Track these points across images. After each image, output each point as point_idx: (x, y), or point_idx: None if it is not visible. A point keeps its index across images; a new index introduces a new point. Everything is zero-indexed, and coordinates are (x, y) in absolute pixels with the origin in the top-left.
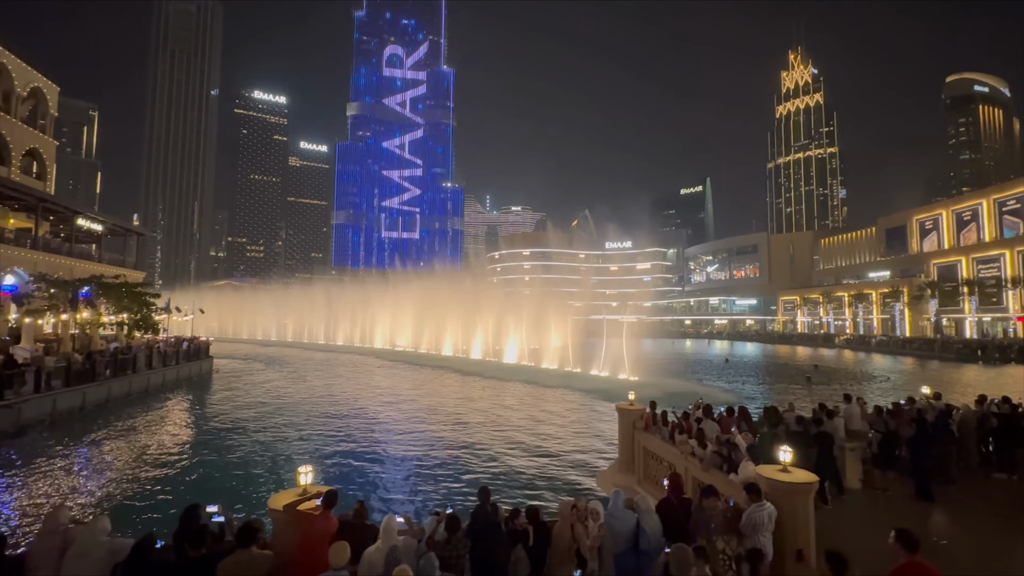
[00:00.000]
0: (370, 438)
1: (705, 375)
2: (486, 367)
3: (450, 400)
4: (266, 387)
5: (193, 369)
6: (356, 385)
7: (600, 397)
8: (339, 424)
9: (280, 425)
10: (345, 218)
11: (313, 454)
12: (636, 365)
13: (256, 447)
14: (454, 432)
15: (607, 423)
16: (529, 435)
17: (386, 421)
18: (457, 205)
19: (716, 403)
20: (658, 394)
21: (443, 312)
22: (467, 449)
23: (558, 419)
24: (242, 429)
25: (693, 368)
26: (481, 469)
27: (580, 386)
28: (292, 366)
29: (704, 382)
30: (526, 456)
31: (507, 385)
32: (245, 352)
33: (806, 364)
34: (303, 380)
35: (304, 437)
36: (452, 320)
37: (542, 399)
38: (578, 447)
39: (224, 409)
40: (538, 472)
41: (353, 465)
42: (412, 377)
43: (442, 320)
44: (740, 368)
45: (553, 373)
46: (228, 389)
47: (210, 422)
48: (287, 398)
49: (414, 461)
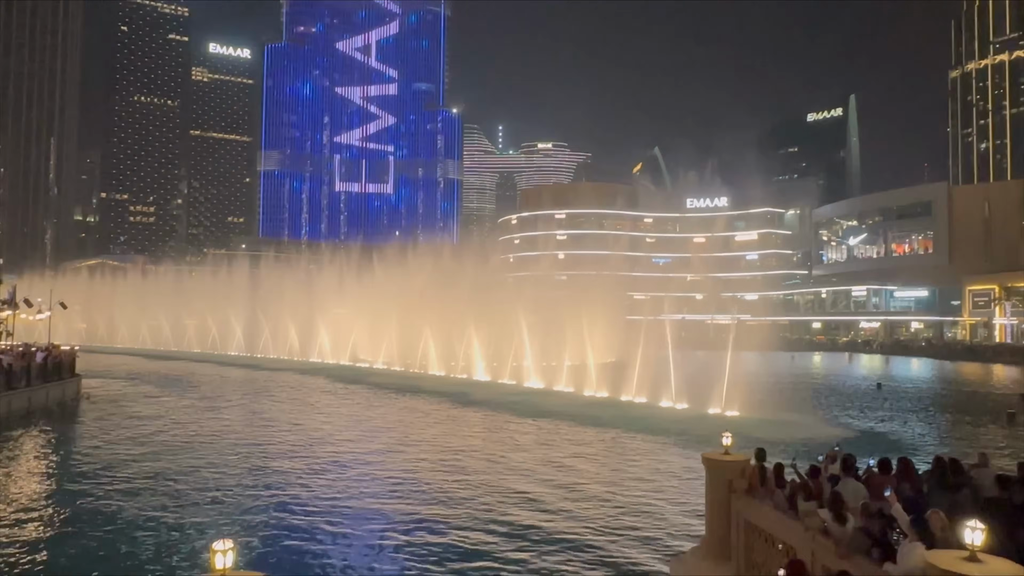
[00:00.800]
0: (317, 497)
1: (844, 408)
2: (492, 393)
3: (440, 444)
4: (161, 422)
5: (51, 394)
6: (297, 419)
7: (677, 441)
8: (271, 478)
9: (182, 477)
10: (278, 162)
11: (234, 523)
12: (734, 392)
13: (146, 513)
14: (446, 487)
15: (684, 480)
16: (562, 494)
17: (346, 473)
18: (453, 141)
19: (862, 453)
20: (770, 438)
21: (429, 312)
22: (478, 518)
23: (611, 474)
24: (126, 486)
25: (825, 397)
26: (495, 550)
27: (642, 424)
28: (199, 390)
29: (842, 420)
30: (557, 533)
31: (517, 418)
32: (129, 368)
33: (1010, 393)
34: (216, 412)
35: (219, 498)
36: (444, 323)
37: (582, 442)
38: (640, 516)
39: (98, 456)
40: (579, 557)
41: (293, 537)
42: (382, 408)
43: (427, 323)
44: (901, 398)
45: (600, 403)
46: (104, 424)
47: (76, 476)
48: (193, 439)
49: (384, 535)
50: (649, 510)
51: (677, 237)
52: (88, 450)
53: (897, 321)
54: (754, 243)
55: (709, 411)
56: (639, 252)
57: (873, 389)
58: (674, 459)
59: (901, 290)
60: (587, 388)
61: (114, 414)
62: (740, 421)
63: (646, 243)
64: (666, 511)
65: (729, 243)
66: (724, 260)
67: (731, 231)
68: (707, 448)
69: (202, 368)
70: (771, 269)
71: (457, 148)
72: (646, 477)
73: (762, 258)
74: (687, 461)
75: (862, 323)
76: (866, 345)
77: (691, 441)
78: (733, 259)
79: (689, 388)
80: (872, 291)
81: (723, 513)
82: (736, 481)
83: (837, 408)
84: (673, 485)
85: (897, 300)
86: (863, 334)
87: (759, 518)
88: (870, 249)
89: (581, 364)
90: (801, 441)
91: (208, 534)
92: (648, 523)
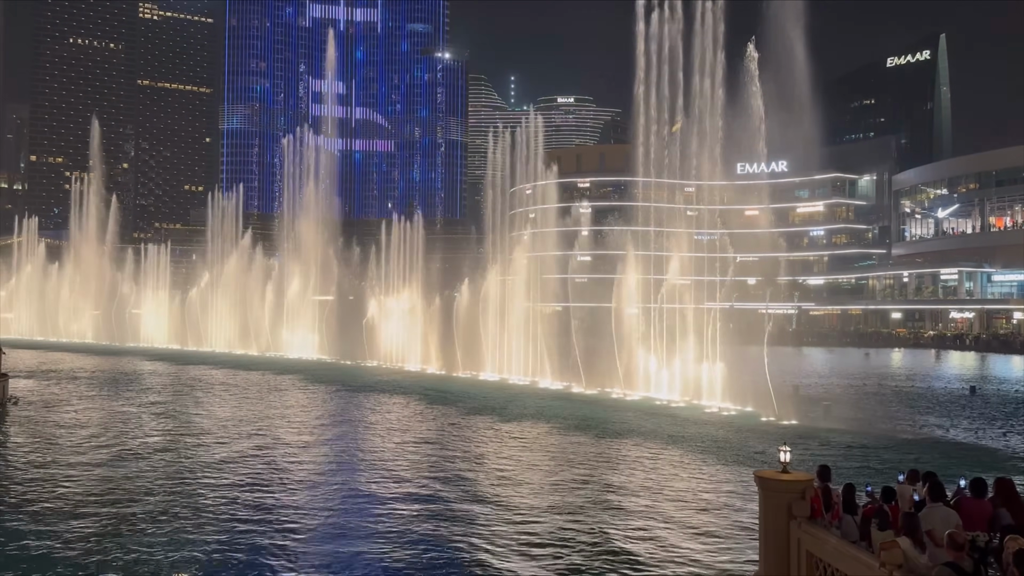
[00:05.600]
0: (300, 515)
1: (928, 416)
2: (506, 394)
3: (444, 453)
4: (106, 430)
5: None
6: (268, 426)
7: (720, 458)
8: (240, 500)
9: (134, 499)
10: (245, 119)
11: (199, 558)
12: (791, 397)
13: (90, 542)
14: (449, 510)
15: (733, 497)
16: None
17: (331, 494)
18: (456, 95)
19: (949, 473)
20: (836, 453)
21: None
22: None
23: (648, 494)
24: (68, 508)
25: (906, 403)
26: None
27: (675, 429)
28: (148, 391)
29: (926, 430)
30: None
31: (534, 425)
32: (65, 365)
33: None
34: (170, 417)
35: (178, 526)
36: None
37: (610, 457)
38: (683, 540)
39: (29, 473)
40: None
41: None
42: (382, 410)
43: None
44: (999, 404)
45: (624, 406)
46: (37, 434)
47: (4, 496)
48: (141, 450)
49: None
50: (696, 534)
51: (727, 209)
52: (17, 461)
53: (995, 311)
54: (819, 216)
55: (762, 418)
56: (679, 228)
57: (966, 394)
58: (724, 473)
59: (1001, 273)
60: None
61: (48, 419)
62: (797, 431)
63: (687, 217)
64: (708, 540)
65: (789, 216)
66: (783, 237)
67: (791, 202)
68: (758, 464)
69: (150, 367)
70: (840, 248)
71: (461, 103)
72: (690, 497)
73: (829, 234)
74: (736, 477)
75: (952, 313)
76: (957, 340)
77: (736, 454)
78: (794, 235)
79: (737, 389)
80: (965, 274)
81: (780, 543)
82: (796, 505)
83: (920, 416)
84: (717, 507)
85: (996, 285)
86: (953, 326)
87: (823, 550)
88: (963, 223)
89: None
90: (873, 454)
91: (164, 567)
92: (699, 548)
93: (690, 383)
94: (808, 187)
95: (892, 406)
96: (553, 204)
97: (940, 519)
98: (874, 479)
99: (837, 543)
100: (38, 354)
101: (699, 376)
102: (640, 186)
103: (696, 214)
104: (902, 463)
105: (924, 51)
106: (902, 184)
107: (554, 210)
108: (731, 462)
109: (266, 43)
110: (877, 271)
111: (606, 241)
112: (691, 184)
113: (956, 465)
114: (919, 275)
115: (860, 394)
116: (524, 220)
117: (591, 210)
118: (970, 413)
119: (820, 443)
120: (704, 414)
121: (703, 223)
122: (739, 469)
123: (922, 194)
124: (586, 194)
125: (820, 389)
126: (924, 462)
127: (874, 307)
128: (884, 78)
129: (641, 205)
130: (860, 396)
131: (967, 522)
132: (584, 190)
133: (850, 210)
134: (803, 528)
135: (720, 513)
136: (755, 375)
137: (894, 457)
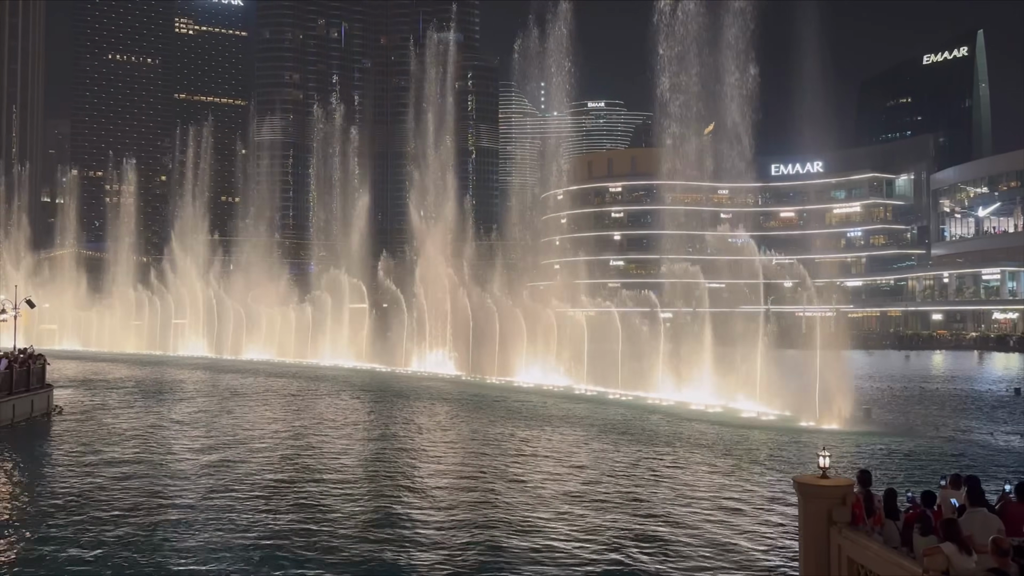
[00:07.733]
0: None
1: (972, 420)
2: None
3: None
4: (155, 439)
5: (19, 409)
6: (327, 435)
7: (760, 464)
8: (292, 514)
9: (174, 505)
10: (274, 130)
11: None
12: (832, 400)
13: (149, 559)
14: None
15: (770, 501)
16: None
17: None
18: (486, 101)
19: (995, 477)
20: (877, 457)
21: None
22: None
23: (678, 498)
24: (111, 518)
25: (947, 405)
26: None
27: (709, 432)
28: (195, 400)
29: (969, 433)
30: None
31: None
32: (108, 375)
33: None
34: (214, 430)
35: (243, 545)
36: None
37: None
38: (714, 551)
39: (72, 483)
40: None
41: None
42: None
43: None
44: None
45: (655, 408)
46: (83, 442)
47: (49, 510)
48: (190, 457)
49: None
50: (728, 546)
51: (762, 211)
52: (64, 472)
53: None
54: (857, 217)
55: (801, 423)
56: (714, 230)
57: (1010, 396)
58: (759, 478)
59: None
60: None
61: (94, 429)
62: (839, 435)
63: (720, 219)
64: (747, 547)
65: (825, 217)
66: (819, 238)
67: (828, 203)
68: (797, 469)
69: (196, 376)
70: (878, 248)
71: (491, 110)
72: (724, 503)
73: (867, 235)
74: (775, 483)
75: (995, 314)
76: (1000, 341)
77: (775, 459)
78: (830, 237)
79: (777, 393)
80: (1008, 274)
81: (821, 550)
82: (837, 511)
83: (963, 419)
84: (747, 507)
85: None
86: (996, 328)
87: (865, 556)
88: (1005, 222)
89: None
90: (915, 458)
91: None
92: (729, 561)
93: (735, 388)
94: (845, 187)
95: (934, 409)
96: (584, 210)
97: (979, 524)
98: (916, 484)
99: (879, 549)
100: (81, 364)
101: (749, 380)
102: (677, 191)
103: (730, 216)
104: (945, 467)
105: (961, 48)
106: (941, 183)
107: (586, 216)
108: (772, 468)
109: (298, 56)
110: (916, 272)
111: (640, 245)
112: (726, 185)
113: (1001, 470)
114: (960, 275)
115: (902, 397)
116: (556, 226)
117: (624, 214)
118: (1015, 416)
119: (863, 447)
120: (741, 418)
121: (737, 225)
122: (778, 475)
123: (962, 193)
124: (618, 198)
125: (861, 392)
126: (967, 466)
127: (914, 308)
128: (921, 76)
129: (669, 209)
130: (901, 399)
131: (1012, 527)
132: (616, 194)
133: (888, 210)
134: (844, 534)
135: (757, 518)
136: (801, 380)
137: (936, 461)
